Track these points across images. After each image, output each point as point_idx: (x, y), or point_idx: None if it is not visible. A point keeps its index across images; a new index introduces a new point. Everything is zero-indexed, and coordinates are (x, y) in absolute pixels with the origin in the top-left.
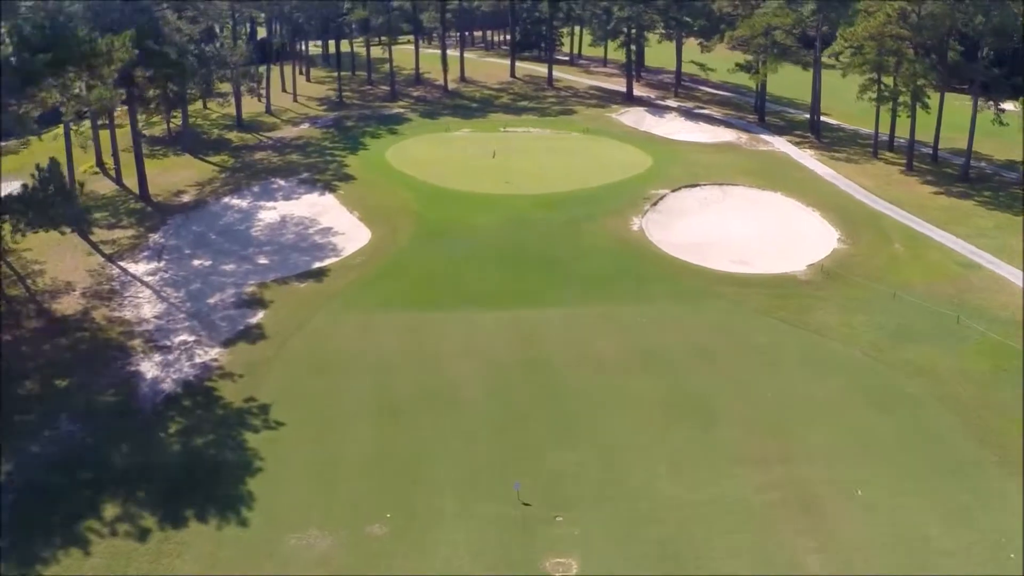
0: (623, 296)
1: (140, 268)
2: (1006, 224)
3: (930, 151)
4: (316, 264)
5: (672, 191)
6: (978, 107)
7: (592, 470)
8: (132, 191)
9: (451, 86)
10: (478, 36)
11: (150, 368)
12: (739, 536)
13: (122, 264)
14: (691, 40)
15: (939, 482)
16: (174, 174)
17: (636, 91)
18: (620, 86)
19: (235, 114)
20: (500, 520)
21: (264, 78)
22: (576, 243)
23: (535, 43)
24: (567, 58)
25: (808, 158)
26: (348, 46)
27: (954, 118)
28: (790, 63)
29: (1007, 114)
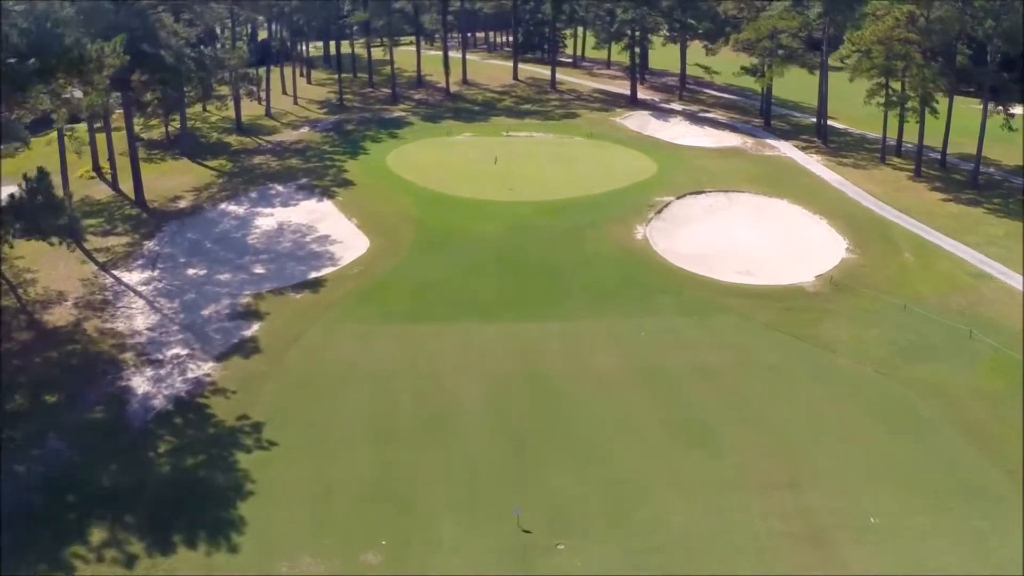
0: (626, 308)
1: (134, 277)
2: (1016, 232)
3: (938, 156)
4: (313, 274)
5: (677, 198)
6: (987, 112)
7: (594, 495)
8: (128, 196)
9: (453, 89)
10: (480, 37)
11: (141, 383)
12: (746, 569)
13: (116, 273)
14: (696, 43)
15: (954, 508)
16: (171, 179)
17: (640, 94)
18: (624, 89)
19: (234, 117)
20: (499, 548)
21: (264, 81)
22: (579, 252)
23: (538, 45)
24: (570, 60)
25: (815, 163)
26: (349, 47)
27: (961, 122)
28: (796, 66)
29: (1016, 119)
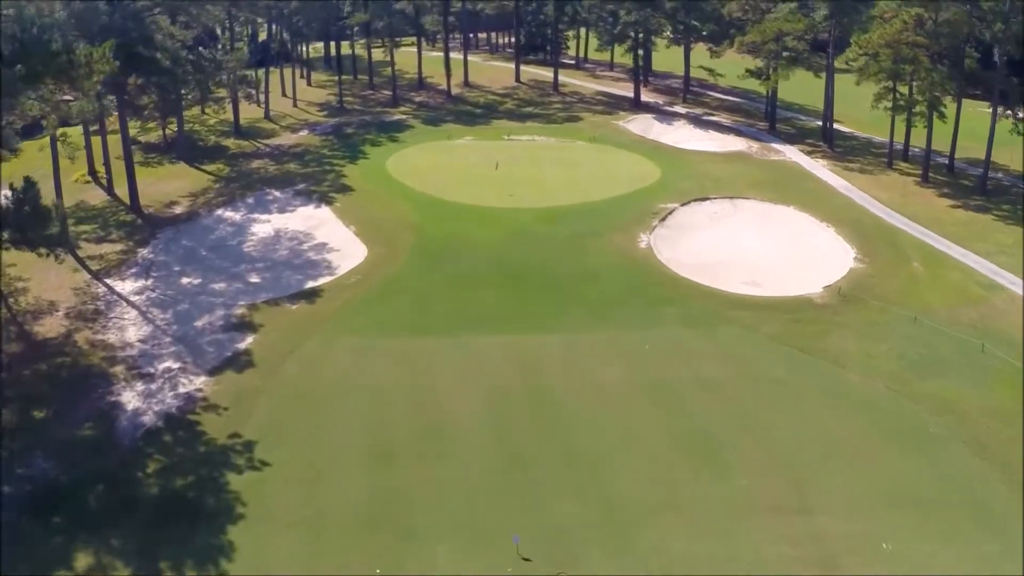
0: (629, 320)
1: (127, 286)
2: None
3: (946, 161)
4: (309, 283)
5: (681, 205)
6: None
7: (597, 521)
8: (123, 202)
9: (454, 91)
10: (482, 38)
11: (131, 399)
12: None
13: (108, 282)
14: (700, 45)
15: (965, 533)
16: (167, 183)
17: (643, 96)
18: (627, 91)
19: (233, 120)
20: None
21: (262, 83)
22: (581, 261)
23: (540, 46)
24: (573, 62)
25: (821, 168)
26: (349, 48)
27: (969, 125)
28: (802, 69)
29: None
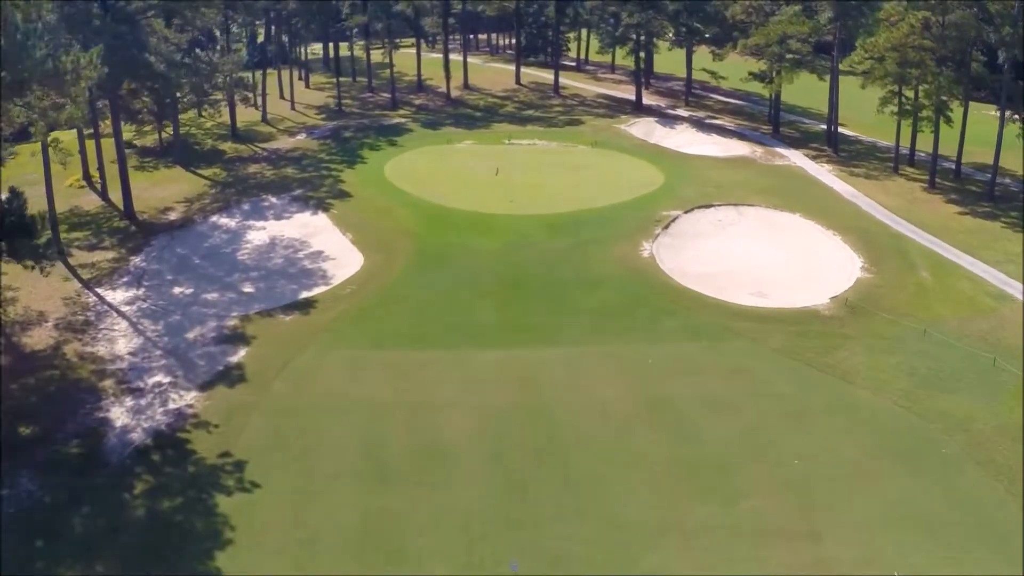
0: (632, 333)
1: (118, 296)
2: None
3: (952, 166)
4: (304, 293)
5: (685, 212)
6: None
7: (599, 546)
8: (117, 207)
9: (454, 93)
10: (483, 39)
11: (120, 415)
12: None
13: (99, 291)
14: (702, 47)
15: (980, 559)
16: (163, 188)
17: (645, 99)
18: (629, 94)
19: (230, 123)
20: None
21: (259, 85)
22: (582, 271)
23: (541, 48)
24: (574, 63)
25: (826, 174)
26: (348, 50)
27: (975, 129)
28: (806, 71)
29: None
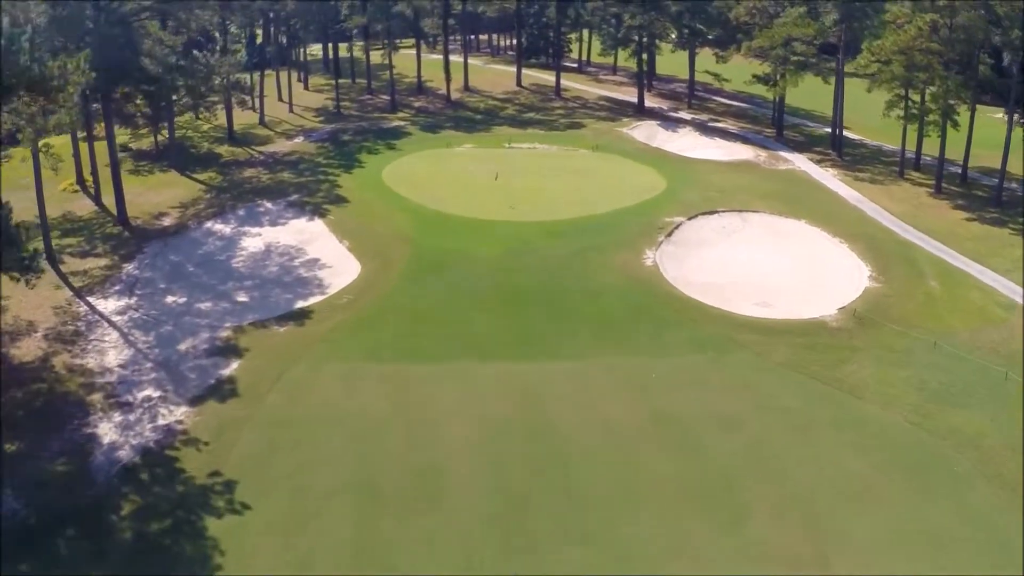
0: (635, 345)
1: (109, 305)
2: None
3: (959, 170)
4: (299, 303)
5: (688, 219)
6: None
7: (602, 569)
8: (111, 212)
9: (454, 96)
10: (483, 40)
11: (108, 431)
12: None
13: (91, 300)
14: (705, 49)
15: None
16: (157, 193)
17: (647, 102)
18: (631, 96)
19: (226, 126)
20: None
21: (257, 87)
22: (584, 280)
23: (542, 49)
24: (575, 65)
25: (831, 178)
26: (348, 51)
27: (981, 132)
28: (811, 74)
29: None
